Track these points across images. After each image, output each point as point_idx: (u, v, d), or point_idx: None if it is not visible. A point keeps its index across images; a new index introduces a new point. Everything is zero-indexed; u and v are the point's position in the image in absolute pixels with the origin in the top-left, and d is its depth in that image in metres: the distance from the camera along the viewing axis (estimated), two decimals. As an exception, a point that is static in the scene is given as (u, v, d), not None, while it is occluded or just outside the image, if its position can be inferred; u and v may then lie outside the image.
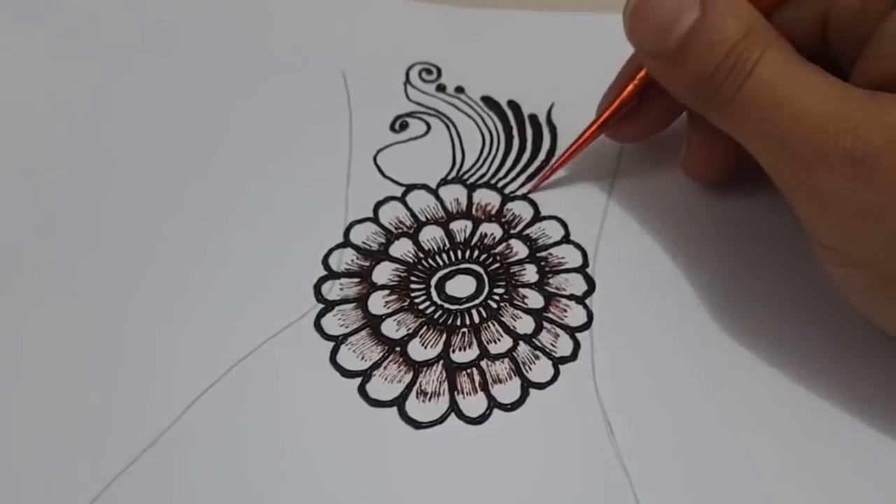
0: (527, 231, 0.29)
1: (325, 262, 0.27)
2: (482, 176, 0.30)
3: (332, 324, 0.26)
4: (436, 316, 0.26)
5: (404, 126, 0.32)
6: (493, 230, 0.29)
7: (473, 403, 0.24)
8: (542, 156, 0.31)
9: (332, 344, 0.26)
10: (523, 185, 0.30)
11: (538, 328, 0.26)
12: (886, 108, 0.21)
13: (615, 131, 0.29)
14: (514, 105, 0.32)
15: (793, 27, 0.24)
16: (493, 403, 0.24)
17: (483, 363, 0.25)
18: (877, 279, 0.22)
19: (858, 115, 0.21)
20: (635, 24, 0.25)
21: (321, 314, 0.26)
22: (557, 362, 0.25)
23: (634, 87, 0.27)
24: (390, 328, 0.26)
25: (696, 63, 0.24)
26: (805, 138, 0.22)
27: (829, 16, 0.25)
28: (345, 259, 0.28)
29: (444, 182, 0.30)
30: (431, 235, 0.28)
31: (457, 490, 0.23)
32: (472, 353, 0.25)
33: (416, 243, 0.28)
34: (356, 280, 0.27)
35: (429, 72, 0.34)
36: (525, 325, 0.26)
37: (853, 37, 0.24)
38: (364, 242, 0.28)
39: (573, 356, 0.25)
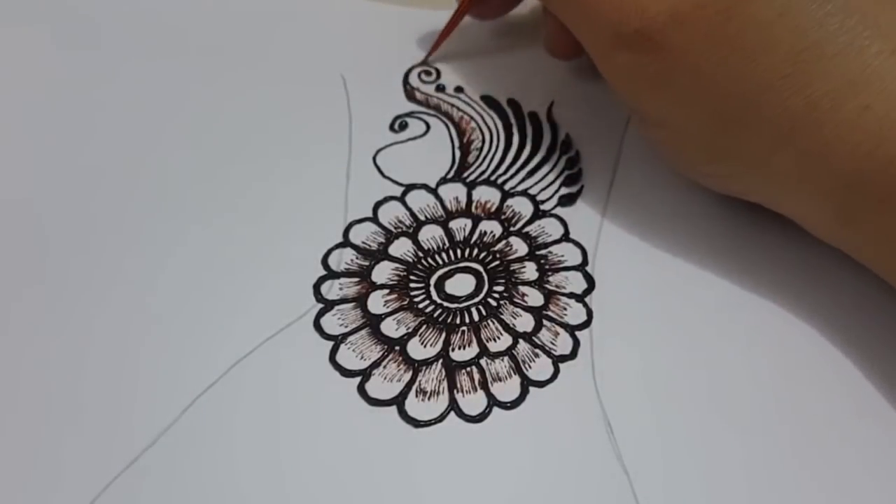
0: (526, 229, 0.29)
1: (324, 261, 0.27)
2: (482, 174, 0.30)
3: (331, 323, 0.26)
4: (435, 314, 0.26)
5: (404, 126, 0.32)
6: (492, 228, 0.29)
7: (473, 402, 0.24)
8: (542, 152, 0.31)
9: (331, 343, 0.26)
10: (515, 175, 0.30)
11: (538, 326, 0.26)
12: None
13: (478, 10, 0.32)
14: (513, 103, 0.32)
15: None
16: (492, 402, 0.24)
17: (482, 361, 0.25)
18: (671, 135, 0.26)
19: None
20: None
21: (320, 314, 0.26)
22: (557, 360, 0.25)
23: None
24: (390, 327, 0.26)
25: None
26: (603, 19, 0.24)
27: None
28: (344, 259, 0.28)
29: (443, 181, 0.30)
30: (431, 235, 0.28)
31: (456, 488, 0.23)
32: (471, 351, 0.25)
33: (416, 243, 0.28)
34: (355, 279, 0.27)
35: (428, 73, 0.34)
36: (525, 323, 0.26)
37: None
38: (363, 242, 0.28)
39: (573, 354, 0.25)
